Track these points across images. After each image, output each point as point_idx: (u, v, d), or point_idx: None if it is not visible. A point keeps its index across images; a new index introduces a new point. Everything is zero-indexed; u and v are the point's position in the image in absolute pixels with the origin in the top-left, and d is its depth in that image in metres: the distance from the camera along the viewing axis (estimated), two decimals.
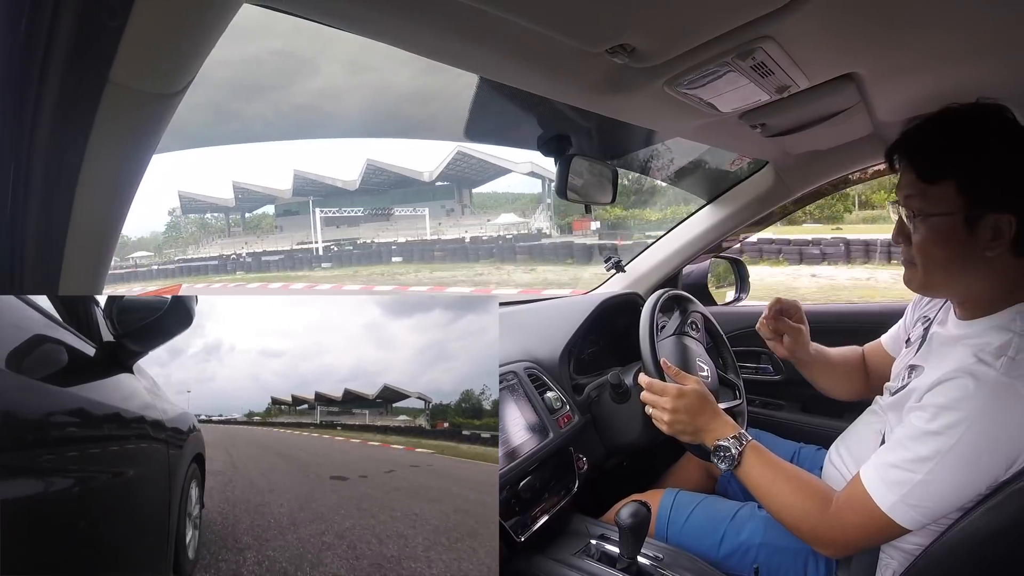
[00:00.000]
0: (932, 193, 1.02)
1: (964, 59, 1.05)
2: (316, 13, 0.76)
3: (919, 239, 1.06)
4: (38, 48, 0.52)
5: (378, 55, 20.31)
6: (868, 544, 1.12)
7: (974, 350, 1.00)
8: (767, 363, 2.18)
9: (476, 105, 1.37)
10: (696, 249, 2.26)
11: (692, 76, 1.01)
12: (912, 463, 0.98)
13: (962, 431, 0.94)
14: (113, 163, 0.63)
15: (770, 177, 2.02)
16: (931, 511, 0.98)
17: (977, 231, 1.00)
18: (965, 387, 0.96)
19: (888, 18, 0.87)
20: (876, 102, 1.29)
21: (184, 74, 0.62)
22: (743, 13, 0.82)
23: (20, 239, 0.58)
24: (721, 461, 1.21)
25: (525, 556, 1.33)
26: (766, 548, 1.29)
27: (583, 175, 1.53)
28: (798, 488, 1.15)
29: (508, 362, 1.57)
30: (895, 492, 0.99)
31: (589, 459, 1.57)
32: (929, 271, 1.07)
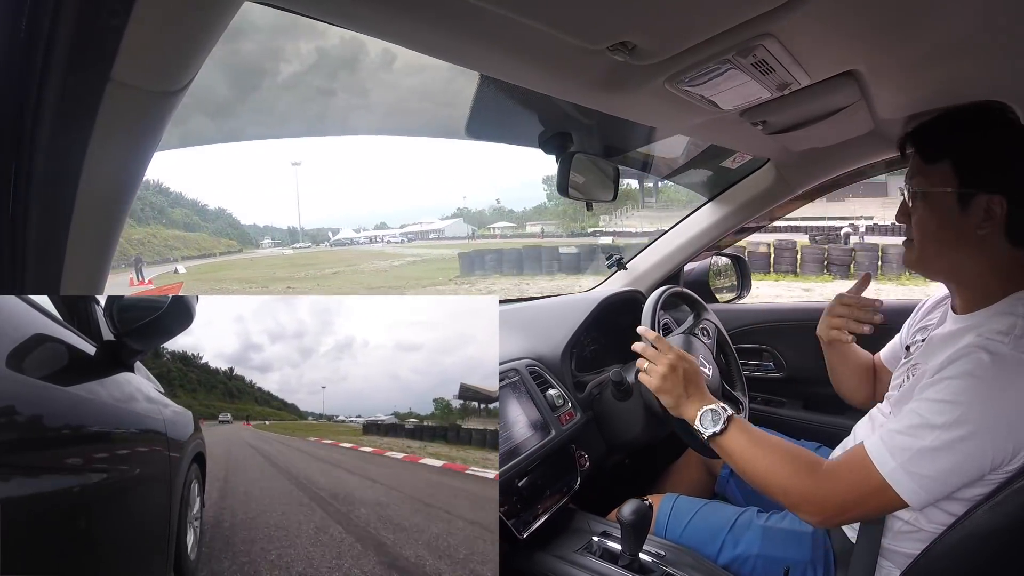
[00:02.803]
0: (931, 172, 1.10)
1: (966, 56, 1.05)
2: (317, 11, 0.76)
3: (917, 216, 1.13)
4: (39, 46, 0.52)
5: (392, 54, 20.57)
6: (858, 512, 1.10)
7: (979, 333, 1.01)
8: (769, 360, 2.18)
9: (477, 103, 1.37)
10: (698, 246, 2.26)
11: (693, 74, 1.01)
12: (919, 428, 0.98)
13: (975, 401, 0.95)
14: (115, 161, 0.63)
15: (771, 174, 2.02)
16: (930, 483, 0.97)
17: (969, 209, 1.06)
18: (980, 360, 0.97)
19: (889, 15, 0.87)
20: (877, 99, 1.28)
21: (186, 72, 0.62)
22: (744, 11, 0.82)
23: (22, 238, 0.58)
24: (706, 427, 1.19)
25: (527, 553, 1.33)
26: (763, 559, 1.29)
27: (585, 173, 1.53)
28: (786, 452, 1.13)
29: (510, 359, 1.58)
30: (896, 457, 0.99)
31: (591, 456, 1.58)
32: (924, 245, 1.13)
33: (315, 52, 54.46)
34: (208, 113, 32.08)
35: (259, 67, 45.63)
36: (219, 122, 38.99)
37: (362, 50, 33.84)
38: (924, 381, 1.03)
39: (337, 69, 57.92)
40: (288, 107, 55.36)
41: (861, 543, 1.18)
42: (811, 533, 1.29)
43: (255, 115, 53.78)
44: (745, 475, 1.17)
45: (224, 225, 67.92)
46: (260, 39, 31.15)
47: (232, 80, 45.03)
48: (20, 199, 0.57)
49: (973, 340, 1.00)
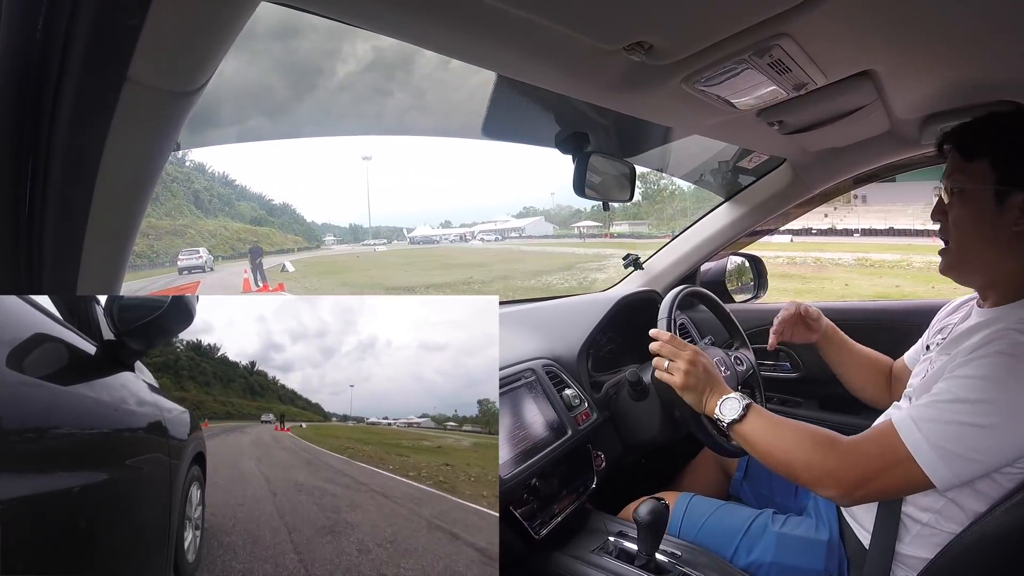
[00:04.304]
0: (970, 169, 1.10)
1: (982, 56, 1.05)
2: (335, 11, 0.76)
3: (954, 213, 1.13)
4: (57, 46, 0.53)
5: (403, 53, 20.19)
6: (879, 486, 1.05)
7: (1009, 324, 1.01)
8: (785, 360, 2.17)
9: (494, 103, 1.38)
10: (714, 246, 2.26)
11: (709, 74, 1.01)
12: (948, 403, 0.98)
13: (1009, 379, 0.94)
14: (131, 161, 0.63)
15: (787, 174, 2.02)
16: (955, 460, 0.95)
17: (1005, 207, 1.06)
18: (1016, 341, 0.97)
19: (905, 15, 0.87)
20: (893, 99, 1.28)
21: (202, 72, 0.63)
22: (760, 10, 0.82)
23: (39, 238, 0.58)
24: (726, 414, 1.21)
25: (543, 553, 1.34)
26: (776, 567, 1.29)
27: (601, 173, 1.53)
28: (806, 430, 1.14)
29: (527, 359, 1.58)
30: (923, 429, 0.98)
31: (607, 456, 1.58)
32: (961, 244, 1.13)
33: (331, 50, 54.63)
34: (266, 111, 31.96)
35: (315, 66, 45.97)
36: (277, 119, 39.36)
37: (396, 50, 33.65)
38: (956, 362, 1.03)
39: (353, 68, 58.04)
40: (345, 106, 55.36)
41: (875, 549, 1.17)
42: (826, 542, 1.29)
43: (312, 113, 53.88)
44: (768, 458, 1.16)
45: (289, 220, 66.06)
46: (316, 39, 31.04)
47: (289, 79, 45.27)
48: (37, 199, 0.57)
49: (1007, 325, 1.00)
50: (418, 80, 24.01)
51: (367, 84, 51.60)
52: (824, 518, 1.33)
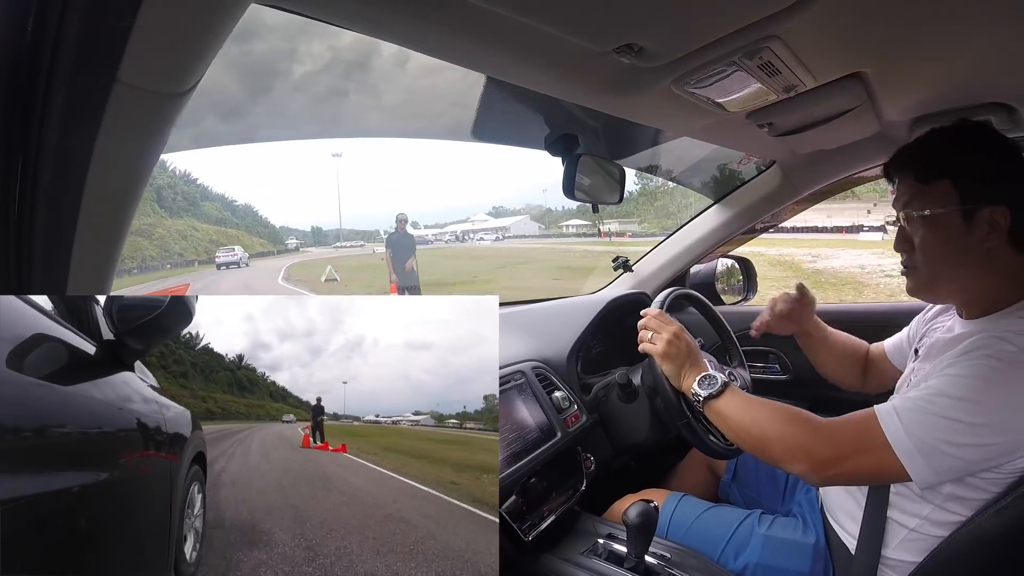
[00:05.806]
0: (930, 193, 1.08)
1: (971, 58, 1.05)
2: (323, 13, 0.76)
3: (920, 239, 1.10)
4: (47, 48, 0.52)
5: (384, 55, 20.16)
6: (851, 467, 1.04)
7: (996, 332, 1.00)
8: (774, 363, 2.18)
9: (483, 105, 1.38)
10: (704, 248, 2.26)
11: (699, 76, 1.01)
12: (933, 396, 0.97)
13: (997, 381, 0.94)
14: (121, 162, 0.62)
15: (777, 176, 2.02)
16: (933, 454, 0.94)
17: (974, 224, 1.04)
18: (1004, 348, 0.96)
19: (895, 17, 0.87)
20: (883, 101, 1.29)
21: (192, 74, 0.62)
22: (750, 13, 0.82)
23: (28, 239, 0.58)
24: (703, 389, 1.22)
25: (533, 555, 1.33)
26: (763, 568, 1.29)
27: (590, 175, 1.53)
28: (783, 408, 1.15)
29: (516, 361, 1.58)
30: (904, 419, 0.97)
31: (596, 458, 1.58)
32: (932, 267, 1.11)
33: (322, 52, 53.97)
34: (221, 114, 31.08)
35: (272, 68, 45.21)
36: (232, 123, 38.52)
37: (375, 51, 33.40)
38: (945, 363, 1.02)
39: (351, 69, 57.57)
40: (300, 108, 54.56)
41: (861, 554, 1.17)
42: (812, 544, 1.29)
43: (267, 117, 53.05)
44: (741, 433, 1.17)
45: (252, 222, 63.48)
46: (274, 40, 30.72)
47: (245, 81, 44.61)
48: (26, 200, 0.57)
49: (994, 333, 1.00)
50: (408, 82, 23.56)
51: (356, 85, 51.19)
52: (810, 521, 1.34)
